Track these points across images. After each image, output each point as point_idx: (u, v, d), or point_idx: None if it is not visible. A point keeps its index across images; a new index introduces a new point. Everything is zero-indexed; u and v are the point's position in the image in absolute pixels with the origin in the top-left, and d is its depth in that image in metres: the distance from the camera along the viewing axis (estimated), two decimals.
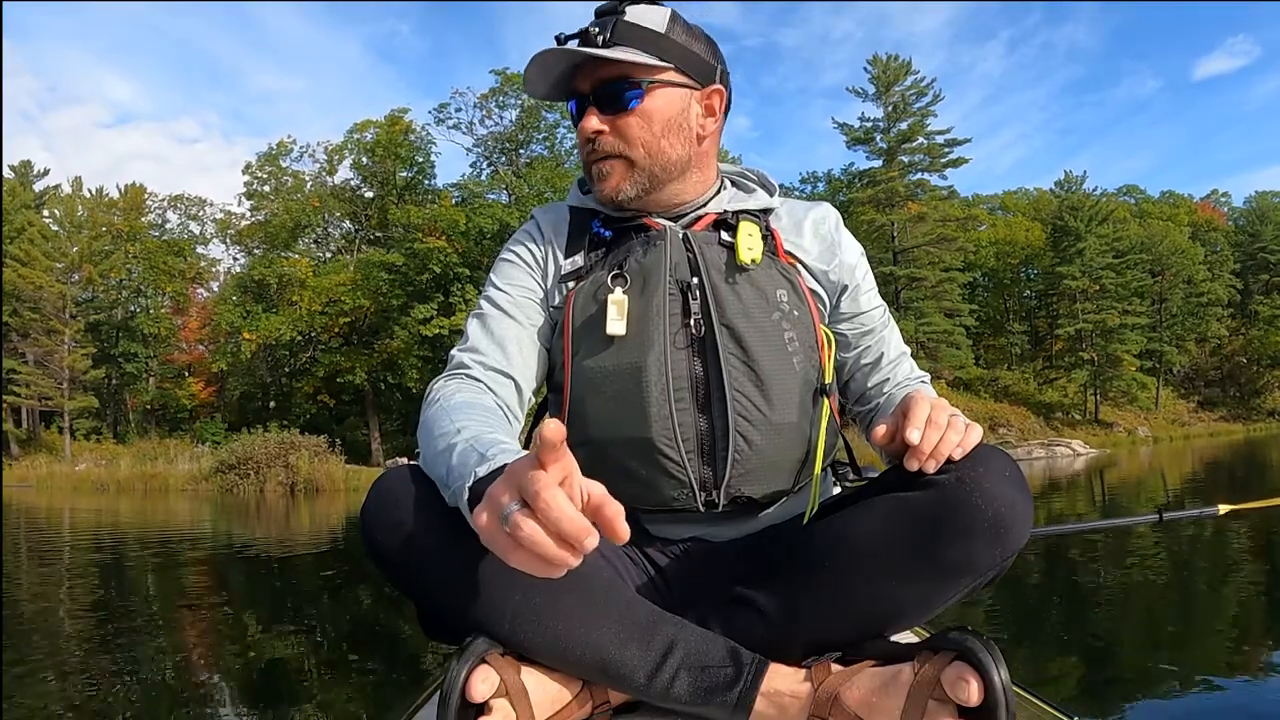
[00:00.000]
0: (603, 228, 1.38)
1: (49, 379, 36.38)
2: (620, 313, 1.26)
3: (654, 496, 1.27)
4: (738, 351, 1.26)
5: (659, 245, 1.31)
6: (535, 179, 35.65)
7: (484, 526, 0.81)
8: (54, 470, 30.05)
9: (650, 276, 1.29)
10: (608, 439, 1.27)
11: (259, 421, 33.41)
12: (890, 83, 41.36)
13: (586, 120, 1.30)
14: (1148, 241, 46.13)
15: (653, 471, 1.25)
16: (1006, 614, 4.41)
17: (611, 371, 1.27)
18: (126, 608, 5.60)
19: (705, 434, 1.26)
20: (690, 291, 1.28)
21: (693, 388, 1.26)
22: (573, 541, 0.74)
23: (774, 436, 1.26)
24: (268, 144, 42.28)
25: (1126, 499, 11.91)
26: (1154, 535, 6.67)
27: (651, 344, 1.26)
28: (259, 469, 22.72)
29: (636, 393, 1.25)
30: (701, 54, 1.33)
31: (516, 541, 0.77)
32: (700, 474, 1.25)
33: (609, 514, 0.75)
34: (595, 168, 1.33)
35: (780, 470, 1.29)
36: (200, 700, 3.37)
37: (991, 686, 0.94)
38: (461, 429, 1.08)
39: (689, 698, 1.09)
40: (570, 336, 1.31)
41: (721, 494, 1.25)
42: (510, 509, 0.77)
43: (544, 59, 1.27)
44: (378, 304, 34.92)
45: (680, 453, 1.24)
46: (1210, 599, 4.67)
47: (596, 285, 1.30)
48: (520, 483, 0.78)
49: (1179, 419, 47.95)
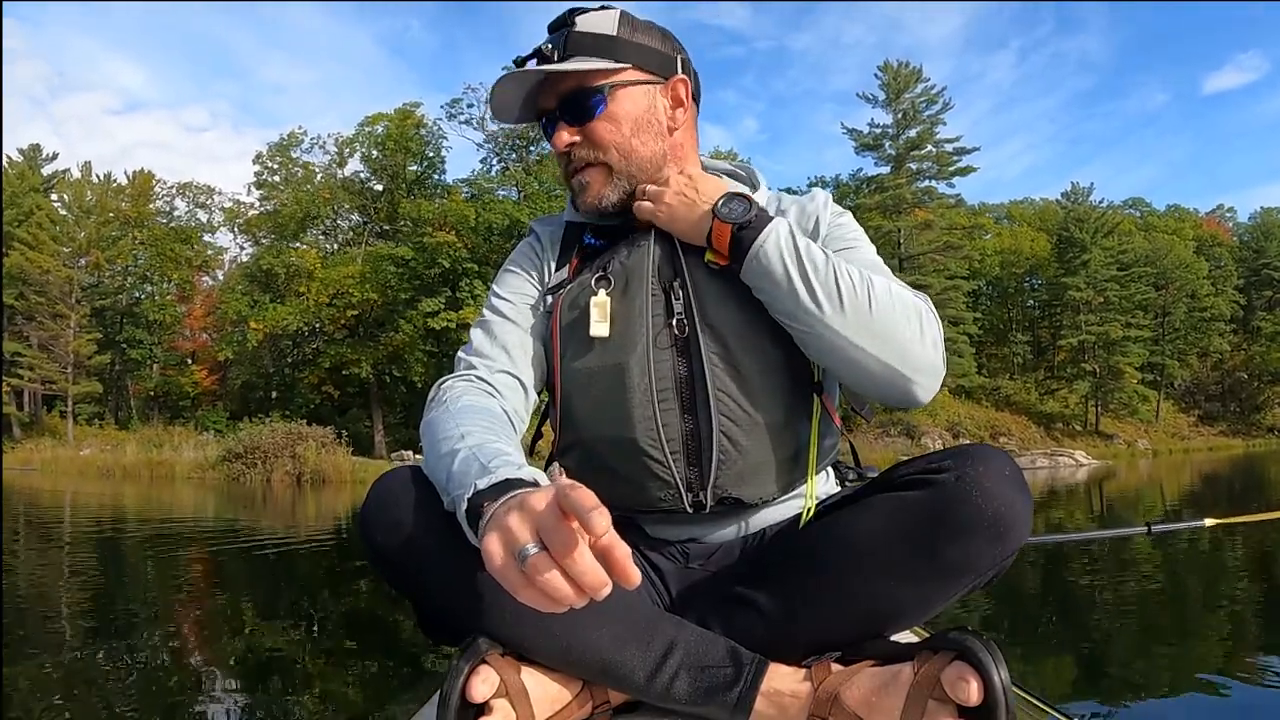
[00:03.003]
0: (594, 239, 1.39)
1: (53, 363, 36.42)
2: (603, 314, 1.26)
3: (642, 497, 1.27)
4: (720, 351, 1.24)
5: (642, 246, 1.31)
6: (545, 176, 35.65)
7: (494, 557, 0.80)
8: (58, 454, 29.88)
9: (633, 277, 1.29)
10: (595, 440, 1.28)
11: (261, 411, 33.38)
12: (900, 89, 41.29)
13: (558, 135, 1.31)
14: (1152, 255, 46.12)
15: (638, 472, 1.25)
16: (1001, 619, 4.44)
17: (595, 373, 1.27)
18: (132, 596, 5.60)
19: (690, 435, 1.24)
20: (673, 291, 1.27)
21: (676, 388, 1.25)
22: (590, 592, 0.75)
23: (759, 437, 1.24)
24: (278, 134, 42.51)
25: (1124, 510, 11.96)
26: (1149, 546, 6.72)
27: (634, 345, 1.25)
28: (266, 458, 22.60)
29: (620, 393, 1.25)
30: (658, 47, 1.34)
31: (529, 580, 0.77)
32: (686, 475, 1.24)
33: (619, 556, 0.74)
34: (575, 180, 1.34)
35: (768, 471, 1.26)
36: (200, 691, 3.35)
37: (991, 686, 0.94)
38: (465, 434, 1.09)
39: (689, 698, 1.10)
40: (558, 340, 1.31)
41: (708, 495, 1.24)
42: (529, 551, 0.76)
43: (503, 86, 1.28)
44: (385, 297, 34.92)
45: (665, 453, 1.24)
46: (1203, 607, 4.68)
47: (581, 289, 1.31)
48: (542, 526, 0.77)
49: (1179, 433, 47.96)
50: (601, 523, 0.73)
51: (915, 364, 1.18)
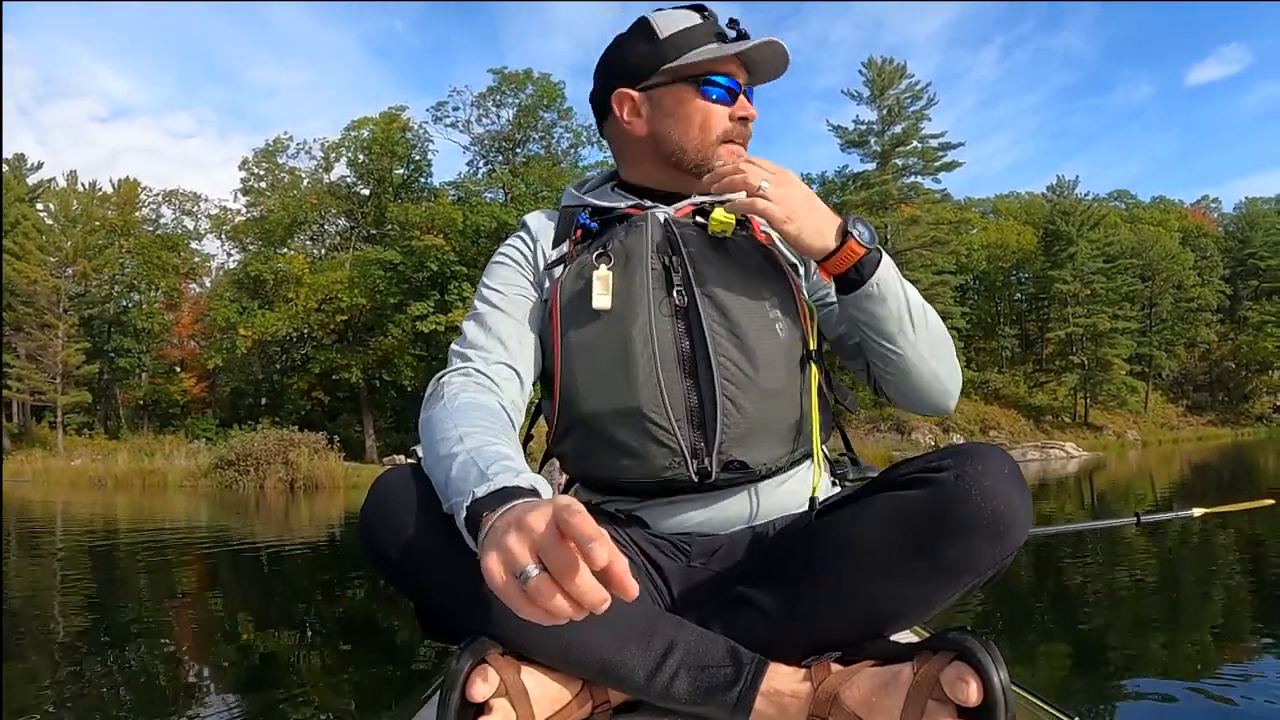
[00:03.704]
0: (589, 219, 1.42)
1: (42, 373, 36.21)
2: (605, 287, 1.30)
3: (645, 468, 1.27)
4: (721, 320, 1.28)
5: (640, 226, 1.35)
6: (532, 178, 35.59)
7: (495, 576, 0.81)
8: (49, 465, 29.77)
9: (633, 254, 1.33)
10: (597, 413, 1.29)
11: (251, 418, 33.29)
12: (885, 86, 41.38)
13: (752, 107, 1.41)
14: (1138, 247, 46.31)
15: (643, 441, 1.26)
16: (993, 612, 4.44)
17: (599, 344, 1.29)
18: (128, 604, 5.59)
19: (694, 401, 1.26)
20: (672, 265, 1.32)
21: (679, 356, 1.28)
22: (590, 609, 0.76)
23: (762, 401, 1.27)
24: (263, 140, 42.15)
25: (1114, 501, 12.03)
26: (1140, 537, 6.76)
27: (636, 315, 1.28)
28: (258, 465, 22.57)
29: (623, 363, 1.27)
30: None
31: (530, 599, 0.78)
32: (691, 440, 1.26)
33: (617, 571, 0.75)
34: (729, 147, 1.41)
35: (772, 435, 1.29)
36: (197, 697, 3.36)
37: (991, 687, 0.94)
38: (464, 435, 1.09)
39: (689, 697, 1.10)
40: (558, 315, 1.33)
41: (713, 461, 1.25)
42: (530, 573, 0.77)
43: (771, 48, 1.38)
44: (374, 301, 34.83)
45: (670, 419, 1.25)
46: (1194, 597, 4.70)
47: (582, 265, 1.34)
48: (541, 546, 0.78)
49: (1168, 423, 48.15)
50: (602, 554, 0.74)
51: (957, 377, 1.40)
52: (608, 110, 1.45)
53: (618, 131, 1.46)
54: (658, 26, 1.38)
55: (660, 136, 1.41)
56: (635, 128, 1.42)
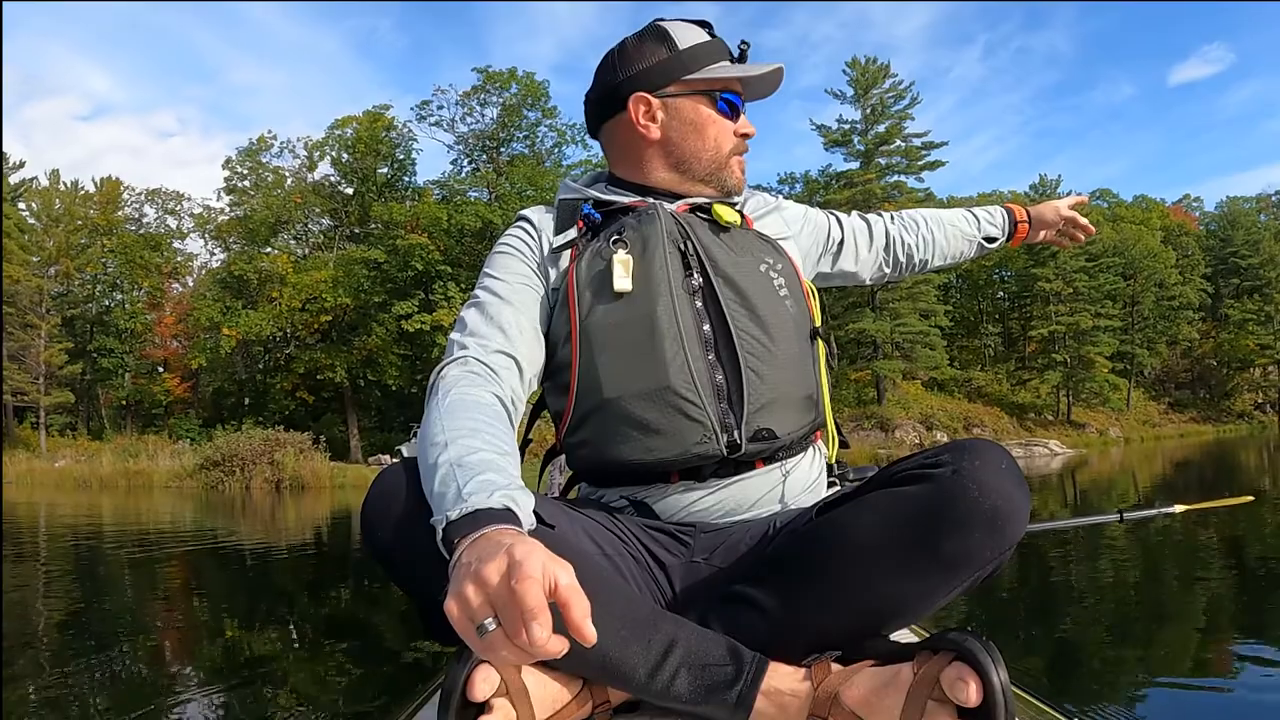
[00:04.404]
0: (593, 210, 1.44)
1: (24, 374, 35.99)
2: (626, 270, 1.32)
3: (675, 445, 1.28)
4: (736, 298, 1.34)
5: (652, 215, 1.39)
6: (516, 177, 35.56)
7: (456, 621, 0.80)
8: (33, 466, 29.59)
9: (649, 240, 1.36)
10: (623, 394, 1.29)
11: (234, 418, 33.18)
12: (869, 85, 41.44)
13: (749, 124, 1.51)
14: (1120, 245, 46.46)
15: (673, 418, 1.28)
16: (980, 610, 4.45)
17: (623, 325, 1.31)
18: (117, 607, 5.58)
19: (719, 376, 1.30)
20: (687, 250, 1.37)
21: (700, 334, 1.32)
22: (545, 657, 0.76)
23: (780, 370, 1.33)
24: (247, 139, 42.02)
25: (1097, 498, 12.12)
26: (1122, 534, 6.82)
27: (659, 295, 1.32)
28: (244, 466, 22.54)
29: (649, 342, 1.29)
30: None
31: (487, 647, 0.78)
32: (720, 414, 1.28)
33: (575, 616, 0.75)
34: (739, 160, 1.50)
35: (791, 404, 1.34)
36: (185, 699, 3.33)
37: (990, 687, 0.95)
38: (449, 442, 1.06)
39: (689, 696, 1.09)
40: (576, 300, 1.33)
41: (742, 433, 1.28)
42: (488, 627, 0.77)
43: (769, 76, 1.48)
44: (358, 301, 34.71)
45: (700, 395, 1.27)
46: (1177, 593, 4.74)
47: (598, 250, 1.36)
48: (495, 601, 0.78)
49: (1150, 420, 48.39)
50: (539, 635, 0.73)
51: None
52: (616, 110, 1.47)
53: (626, 132, 1.47)
54: (676, 37, 1.43)
55: (674, 143, 1.45)
56: (650, 131, 1.45)
